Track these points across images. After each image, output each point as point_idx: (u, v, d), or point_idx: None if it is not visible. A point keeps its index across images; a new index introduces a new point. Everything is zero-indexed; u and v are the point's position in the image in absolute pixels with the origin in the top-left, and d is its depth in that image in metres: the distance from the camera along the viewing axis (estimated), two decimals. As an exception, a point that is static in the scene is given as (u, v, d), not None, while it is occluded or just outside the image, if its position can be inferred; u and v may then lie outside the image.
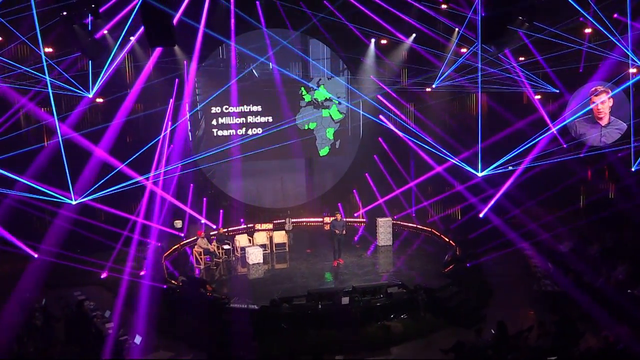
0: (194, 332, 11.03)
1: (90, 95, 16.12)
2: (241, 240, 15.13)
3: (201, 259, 14.15)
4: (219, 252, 14.57)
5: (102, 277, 14.23)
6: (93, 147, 14.79)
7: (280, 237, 15.61)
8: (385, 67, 19.15)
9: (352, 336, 10.80)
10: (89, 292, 12.73)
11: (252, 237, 15.74)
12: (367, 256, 15.06)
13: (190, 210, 17.60)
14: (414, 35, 17.88)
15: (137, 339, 10.09)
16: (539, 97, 18.59)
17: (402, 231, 17.85)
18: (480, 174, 17.35)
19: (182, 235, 16.77)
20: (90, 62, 14.04)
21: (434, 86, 18.05)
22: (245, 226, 18.35)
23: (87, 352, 10.26)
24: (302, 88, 19.44)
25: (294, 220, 18.89)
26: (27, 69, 13.21)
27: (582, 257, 14.22)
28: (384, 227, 15.74)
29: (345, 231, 14.07)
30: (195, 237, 15.51)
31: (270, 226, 18.15)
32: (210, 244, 14.57)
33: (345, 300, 11.16)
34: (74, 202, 14.86)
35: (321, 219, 19.18)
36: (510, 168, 18.06)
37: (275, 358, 9.91)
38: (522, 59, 17.70)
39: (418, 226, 17.98)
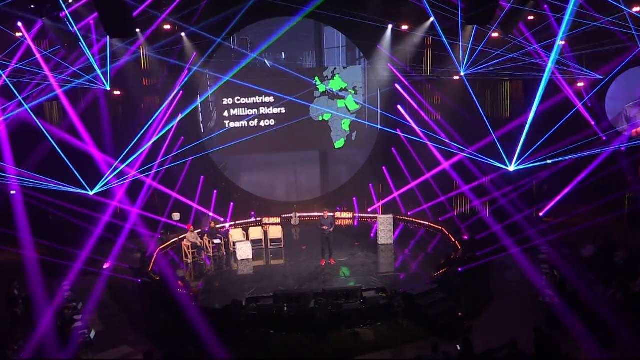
0: (162, 328, 10.84)
1: (108, 88, 16.46)
2: (235, 234, 14.78)
3: (189, 252, 13.96)
4: (208, 247, 14.32)
5: (104, 267, 14.38)
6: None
7: (275, 232, 15.09)
8: (403, 54, 18.05)
9: (318, 342, 10.16)
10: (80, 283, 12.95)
11: (246, 231, 15.32)
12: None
13: (197, 203, 17.52)
14: (431, 19, 16.68)
15: (92, 333, 10.05)
16: (582, 84, 16.99)
17: (418, 230, 16.80)
18: (511, 168, 16.18)
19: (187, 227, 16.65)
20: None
21: (462, 74, 16.85)
22: (254, 220, 18.03)
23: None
24: (316, 78, 18.73)
25: (305, 214, 18.32)
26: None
27: (603, 263, 12.72)
28: (384, 225, 14.79)
29: (333, 229, 13.29)
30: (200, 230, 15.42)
31: (278, 220, 17.75)
32: (201, 238, 14.34)
33: (312, 302, 10.54)
34: (91, 193, 15.27)
35: (332, 214, 18.43)
36: (549, 162, 16.76)
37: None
38: (562, 43, 16.20)
39: (430, 224, 16.80)
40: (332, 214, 14.11)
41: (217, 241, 14.38)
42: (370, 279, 12.25)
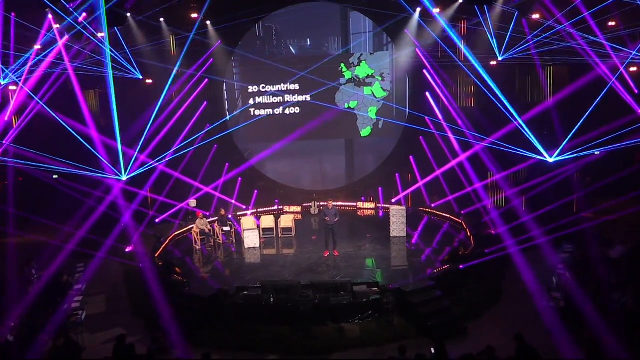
0: (155, 313, 11.03)
1: (141, 77, 16.98)
2: (245, 223, 14.80)
3: (198, 239, 14.15)
4: (219, 234, 14.46)
5: (126, 250, 14.93)
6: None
7: (286, 221, 14.97)
8: (432, 39, 17.18)
9: (301, 335, 9.96)
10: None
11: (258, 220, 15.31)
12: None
13: (220, 190, 17.75)
14: (460, 1, 15.76)
15: (83, 315, 10.44)
16: (634, 68, 15.53)
17: (441, 223, 16.10)
18: (551, 159, 15.29)
19: (207, 213, 16.91)
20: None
21: (499, 59, 15.90)
22: (276, 208, 18.03)
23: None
24: (342, 64, 18.31)
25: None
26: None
27: (630, 266, 11.55)
28: (397, 217, 14.24)
29: (337, 220, 12.94)
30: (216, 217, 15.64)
31: (299, 209, 17.65)
32: (210, 226, 14.49)
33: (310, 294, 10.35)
34: (124, 178, 15.87)
35: (355, 204, 18.11)
36: (596, 152, 15.68)
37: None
38: (612, 23, 14.90)
39: (450, 216, 16.02)
40: (336, 204, 13.67)
41: (226, 228, 14.48)
42: (367, 272, 11.82)
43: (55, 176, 16.76)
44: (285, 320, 10.20)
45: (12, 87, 15.51)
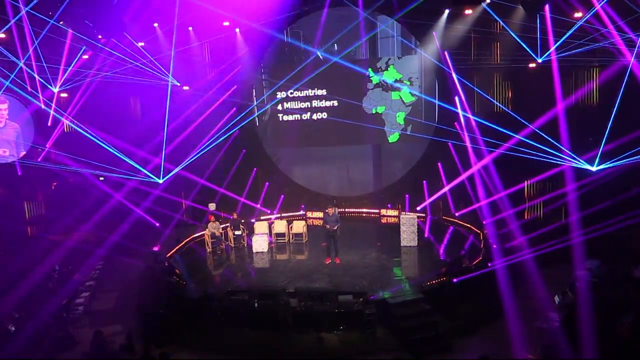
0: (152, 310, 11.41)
1: (178, 84, 17.72)
2: (258, 227, 14.94)
3: (209, 242, 14.46)
4: (230, 237, 14.70)
5: (154, 249, 15.59)
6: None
7: (298, 227, 14.95)
8: (463, 41, 16.50)
9: (281, 342, 9.91)
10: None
11: (270, 225, 15.39)
12: None
13: (245, 194, 18.05)
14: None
15: (81, 309, 11.00)
16: None
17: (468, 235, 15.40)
18: (594, 168, 14.32)
19: (231, 217, 17.24)
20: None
21: (539, 61, 15.06)
22: (302, 213, 18.08)
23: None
24: (370, 69, 18.04)
25: (353, 210, 17.88)
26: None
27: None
28: (407, 226, 13.75)
29: (338, 226, 12.70)
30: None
31: (321, 214, 17.54)
32: (221, 229, 14.77)
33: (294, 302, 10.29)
34: (160, 181, 16.65)
35: (378, 211, 17.76)
36: None
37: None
38: None
39: (471, 226, 15.27)
40: (337, 211, 13.37)
41: (238, 232, 14.70)
42: (360, 282, 11.50)
43: (101, 178, 17.79)
44: (267, 326, 10.19)
45: (63, 95, 16.74)
